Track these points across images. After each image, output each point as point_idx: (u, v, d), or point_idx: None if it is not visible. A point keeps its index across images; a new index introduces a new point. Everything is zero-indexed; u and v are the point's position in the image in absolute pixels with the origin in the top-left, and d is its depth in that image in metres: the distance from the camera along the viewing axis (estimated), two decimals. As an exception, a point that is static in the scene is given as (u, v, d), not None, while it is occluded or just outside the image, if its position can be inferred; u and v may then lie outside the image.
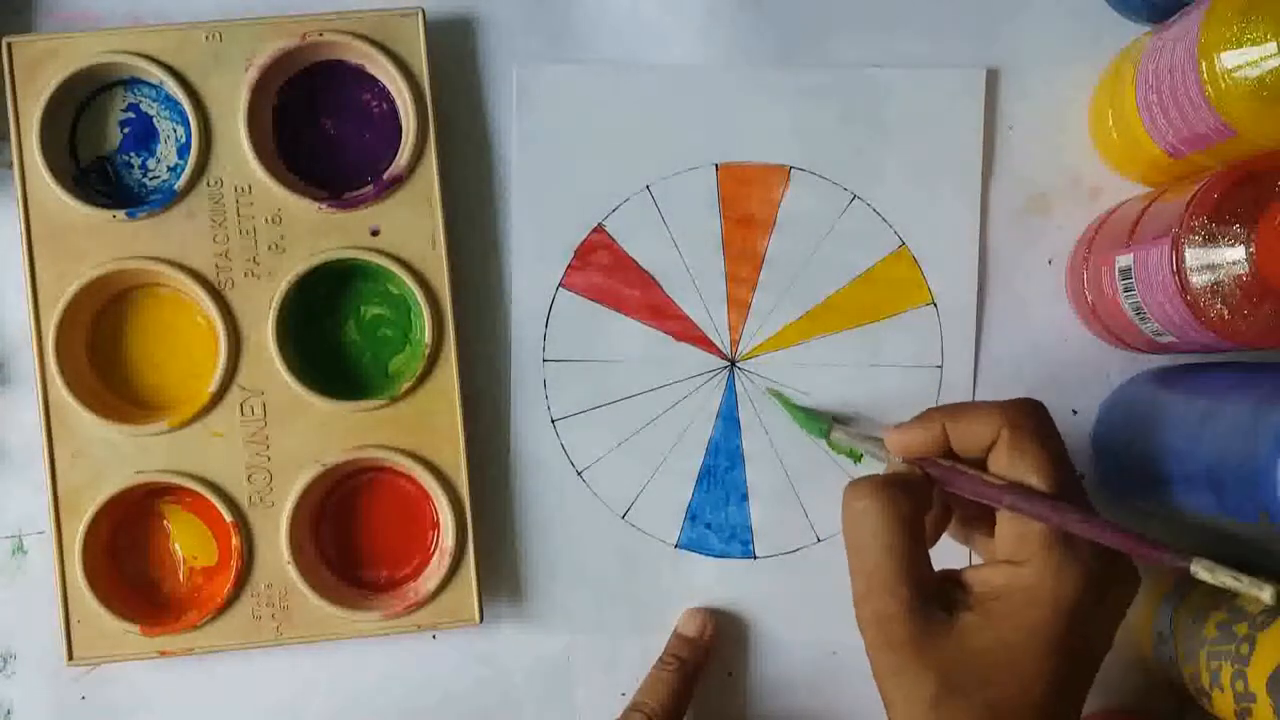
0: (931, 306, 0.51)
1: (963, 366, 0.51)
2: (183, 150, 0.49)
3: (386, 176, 0.48)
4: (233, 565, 0.49)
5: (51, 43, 0.48)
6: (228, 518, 0.48)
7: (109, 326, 0.49)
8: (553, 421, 0.51)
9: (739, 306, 0.51)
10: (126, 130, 0.49)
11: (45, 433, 0.48)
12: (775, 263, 0.51)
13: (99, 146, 0.49)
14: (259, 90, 0.48)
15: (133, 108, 0.49)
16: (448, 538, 0.49)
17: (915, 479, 0.40)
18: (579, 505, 0.51)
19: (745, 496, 0.51)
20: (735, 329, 0.51)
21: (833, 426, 0.49)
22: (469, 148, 0.51)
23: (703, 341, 0.51)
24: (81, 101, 0.49)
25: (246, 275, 0.48)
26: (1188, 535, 0.50)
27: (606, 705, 0.51)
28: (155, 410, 0.49)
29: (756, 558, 0.51)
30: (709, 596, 0.51)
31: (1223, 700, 0.44)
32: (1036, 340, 0.51)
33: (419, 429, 0.49)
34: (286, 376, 0.48)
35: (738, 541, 0.51)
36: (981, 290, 0.51)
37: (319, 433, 0.49)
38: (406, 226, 0.49)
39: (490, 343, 0.51)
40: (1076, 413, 0.51)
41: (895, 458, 0.42)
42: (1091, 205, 0.51)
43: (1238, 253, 0.40)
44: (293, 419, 0.49)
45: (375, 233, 0.49)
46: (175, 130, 0.50)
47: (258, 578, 0.49)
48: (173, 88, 0.48)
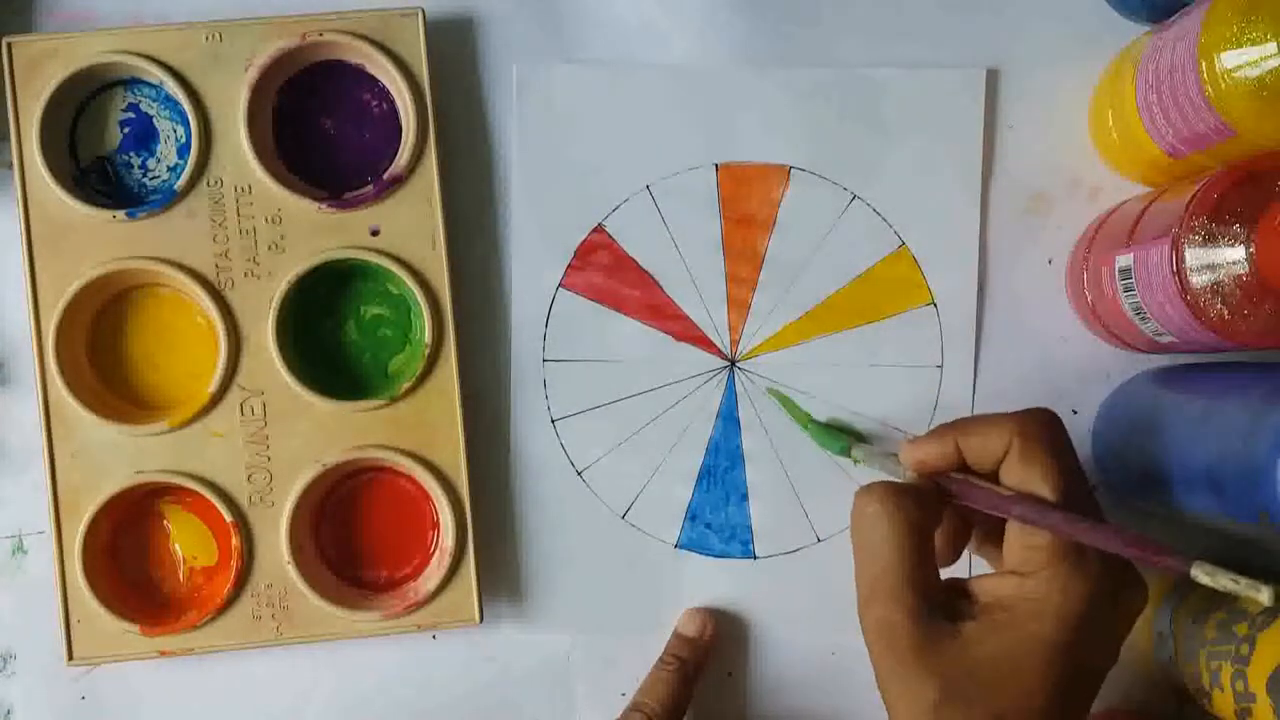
0: (931, 306, 0.51)
1: (963, 366, 0.51)
2: (183, 150, 0.49)
3: (386, 176, 0.48)
4: (233, 565, 0.49)
5: (51, 43, 0.48)
6: (228, 518, 0.48)
7: (109, 326, 0.49)
8: (553, 421, 0.51)
9: (739, 306, 0.51)
10: (126, 130, 0.49)
11: (45, 433, 0.48)
12: (775, 263, 0.51)
13: (99, 146, 0.49)
14: (259, 90, 0.48)
15: (133, 108, 0.49)
16: (448, 538, 0.49)
17: (927, 489, 0.40)
18: (579, 505, 0.51)
19: (745, 496, 0.51)
20: (735, 329, 0.51)
21: (852, 444, 0.49)
22: (469, 148, 0.51)
23: (703, 341, 0.51)
24: (81, 101, 0.49)
25: (246, 275, 0.48)
26: (1188, 535, 0.50)
27: (606, 705, 0.51)
28: (155, 410, 0.49)
29: (756, 558, 0.51)
30: (709, 596, 0.51)
31: (1223, 700, 0.44)
32: (1036, 340, 0.51)
33: (419, 429, 0.49)
34: (286, 376, 0.48)
35: (738, 541, 0.51)
36: (981, 290, 0.51)
37: (319, 433, 0.49)
38: (406, 226, 0.49)
39: (490, 343, 0.51)
40: (1076, 413, 0.51)
41: (910, 474, 0.42)
42: (1091, 205, 0.51)
43: (1238, 253, 0.40)
44: (293, 419, 0.49)
45: (375, 233, 0.49)
46: (175, 130, 0.50)
47: (258, 578, 0.49)
48: (173, 88, 0.48)
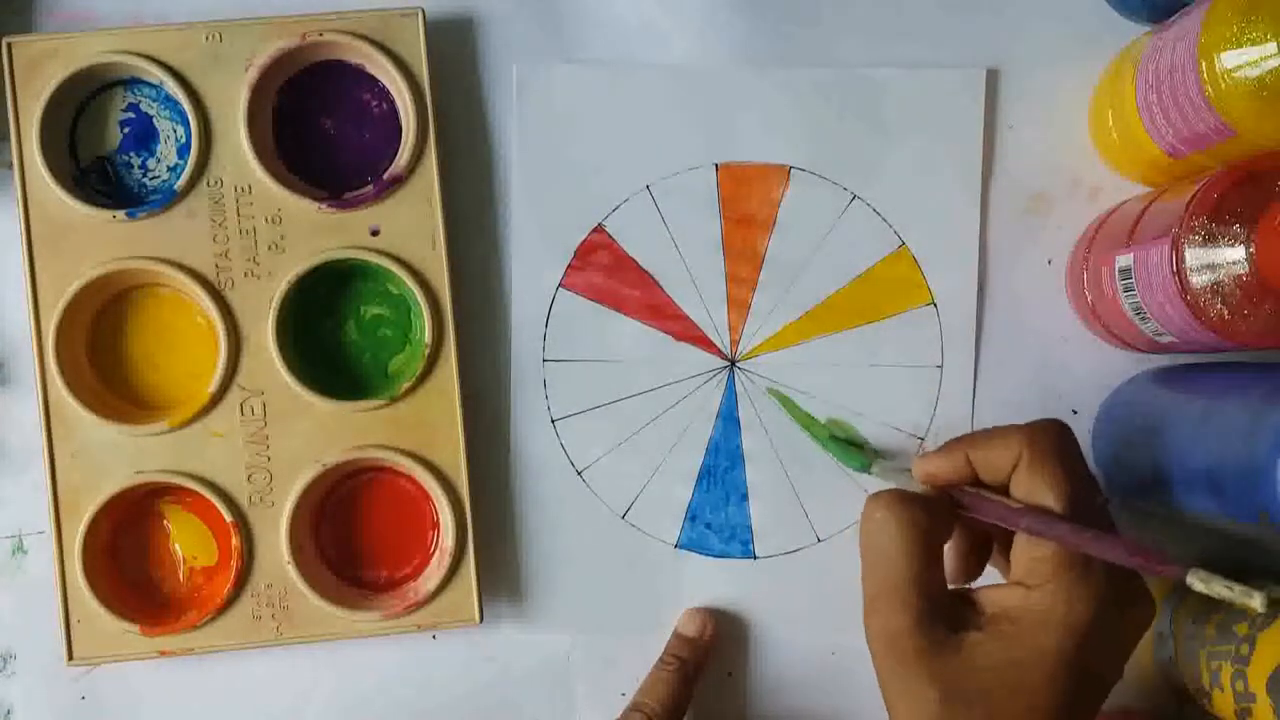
0: (931, 306, 0.51)
1: (963, 366, 0.51)
2: (183, 150, 0.49)
3: (386, 176, 0.48)
4: (233, 565, 0.49)
5: (51, 43, 0.48)
6: (228, 518, 0.48)
7: (109, 326, 0.49)
8: (553, 421, 0.51)
9: (739, 306, 0.51)
10: (126, 130, 0.49)
11: (45, 433, 0.48)
12: (775, 263, 0.51)
13: (99, 146, 0.49)
14: (259, 90, 0.48)
15: (133, 108, 0.49)
16: (448, 538, 0.49)
17: (937, 499, 0.40)
18: (579, 505, 0.51)
19: (745, 496, 0.51)
20: (735, 329, 0.51)
21: (874, 460, 0.49)
22: (469, 148, 0.51)
23: (703, 341, 0.51)
24: (81, 101, 0.49)
25: (246, 275, 0.48)
26: (1188, 535, 0.50)
27: (606, 705, 0.51)
28: (155, 410, 0.49)
29: (756, 558, 0.51)
30: (709, 596, 0.51)
31: (1223, 700, 0.44)
32: (1036, 340, 0.51)
33: (419, 429, 0.49)
34: (286, 376, 0.48)
35: (738, 541, 0.51)
36: (981, 290, 0.51)
37: (319, 433, 0.49)
38: (406, 226, 0.49)
39: (490, 343, 0.51)
40: (1076, 413, 0.51)
41: (924, 488, 0.42)
42: (1091, 205, 0.51)
43: (1238, 253, 0.40)
44: (293, 419, 0.49)
45: (375, 233, 0.49)
46: (175, 130, 0.50)
47: (258, 578, 0.49)
48: (173, 88, 0.48)
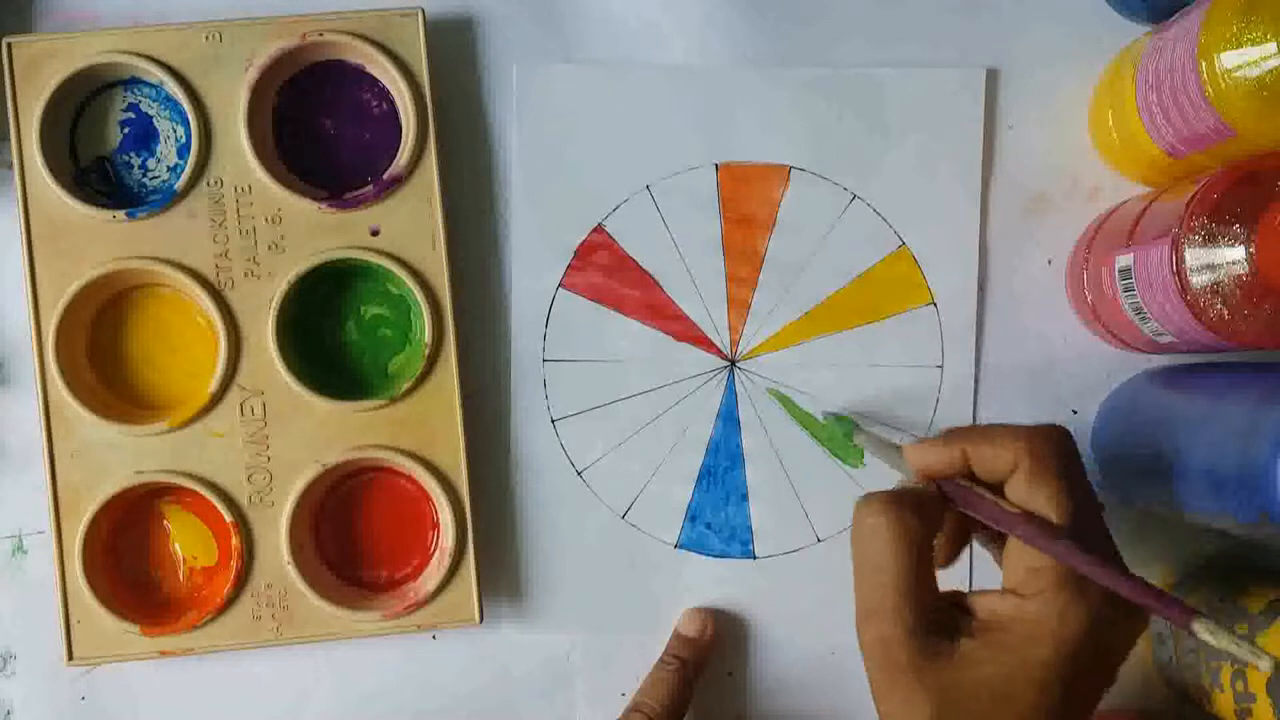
0: (931, 306, 0.51)
1: (963, 366, 0.51)
2: (183, 150, 0.49)
3: (386, 176, 0.48)
4: (233, 565, 0.49)
5: (51, 43, 0.48)
6: (228, 518, 0.48)
7: (109, 326, 0.49)
8: (553, 421, 0.51)
9: (739, 306, 0.51)
10: (126, 130, 0.49)
11: (45, 433, 0.48)
12: (775, 263, 0.51)
13: (99, 146, 0.49)
14: (259, 90, 0.48)
15: (133, 108, 0.49)
16: (448, 538, 0.49)
17: (928, 497, 0.40)
18: (579, 505, 0.51)
19: (745, 496, 0.51)
20: (735, 329, 0.51)
21: (855, 430, 0.49)
22: (469, 148, 0.51)
23: (703, 341, 0.51)
24: (81, 101, 0.49)
25: (246, 275, 0.48)
26: (1188, 535, 0.50)
27: (606, 705, 0.51)
28: (155, 410, 0.49)
29: (756, 558, 0.51)
30: (709, 596, 0.51)
31: (1223, 700, 0.44)
32: (1036, 340, 0.51)
33: (419, 429, 0.49)
34: (286, 376, 0.48)
35: (738, 541, 0.51)
36: (981, 290, 0.51)
37: (319, 433, 0.49)
38: (406, 226, 0.49)
39: (490, 343, 0.51)
40: (1076, 413, 0.51)
41: (911, 472, 0.41)
42: (1091, 205, 0.51)
43: (1238, 253, 0.40)
44: (293, 419, 0.49)
45: (375, 233, 0.49)
46: (175, 130, 0.50)
47: (258, 578, 0.49)
48: (173, 88, 0.48)
